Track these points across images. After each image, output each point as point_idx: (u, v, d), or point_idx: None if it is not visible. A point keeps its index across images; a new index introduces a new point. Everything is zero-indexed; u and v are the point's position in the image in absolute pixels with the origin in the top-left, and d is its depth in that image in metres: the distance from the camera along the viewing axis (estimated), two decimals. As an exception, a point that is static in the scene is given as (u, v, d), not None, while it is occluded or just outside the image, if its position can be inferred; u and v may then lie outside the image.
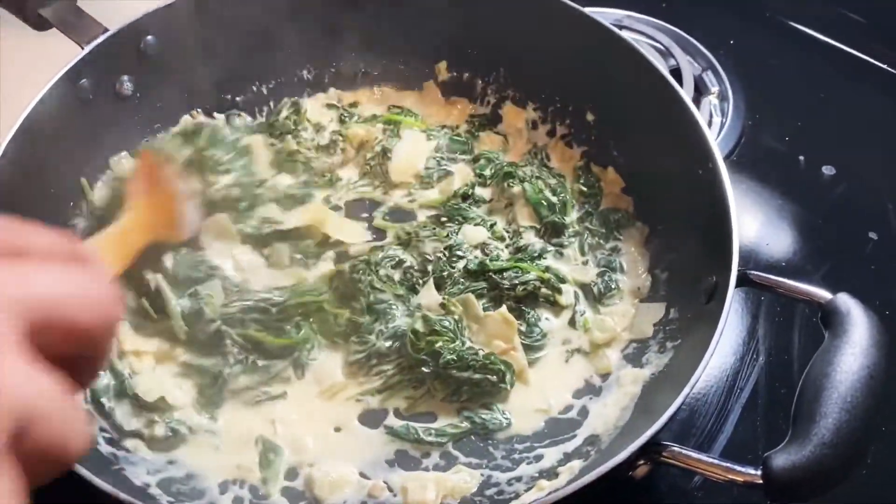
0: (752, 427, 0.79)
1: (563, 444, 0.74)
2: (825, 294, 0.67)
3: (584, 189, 0.91)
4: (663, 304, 0.81)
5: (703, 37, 1.10)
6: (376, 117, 0.97)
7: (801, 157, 1.01)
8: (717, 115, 1.04)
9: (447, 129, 0.97)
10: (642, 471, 0.64)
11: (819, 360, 0.63)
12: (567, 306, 0.83)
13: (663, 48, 1.08)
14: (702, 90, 1.06)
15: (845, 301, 0.66)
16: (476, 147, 0.96)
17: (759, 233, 0.95)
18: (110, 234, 0.67)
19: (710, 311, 0.69)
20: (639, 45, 0.87)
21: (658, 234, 0.86)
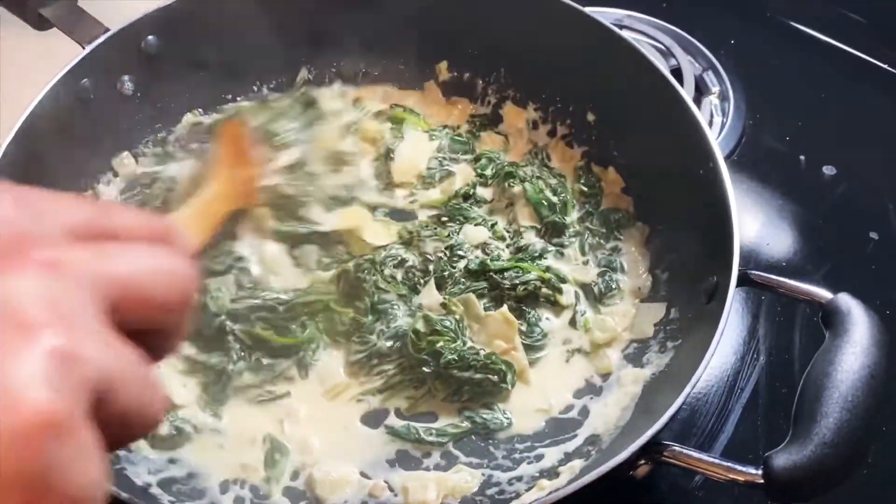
0: (752, 427, 0.79)
1: (563, 444, 0.74)
2: (826, 294, 0.67)
3: (585, 189, 0.91)
4: (664, 303, 0.81)
5: (703, 37, 1.10)
6: (382, 114, 0.96)
7: (801, 157, 1.01)
8: (718, 114, 1.04)
9: (448, 128, 0.97)
10: (643, 470, 0.64)
11: (820, 359, 0.63)
12: (567, 306, 0.83)
13: (664, 48, 1.08)
14: (702, 90, 1.06)
15: (846, 301, 0.66)
16: (477, 147, 0.96)
17: (760, 233, 0.94)
18: (195, 205, 0.67)
19: (710, 311, 0.69)
20: (639, 44, 0.87)
21: (658, 234, 0.86)
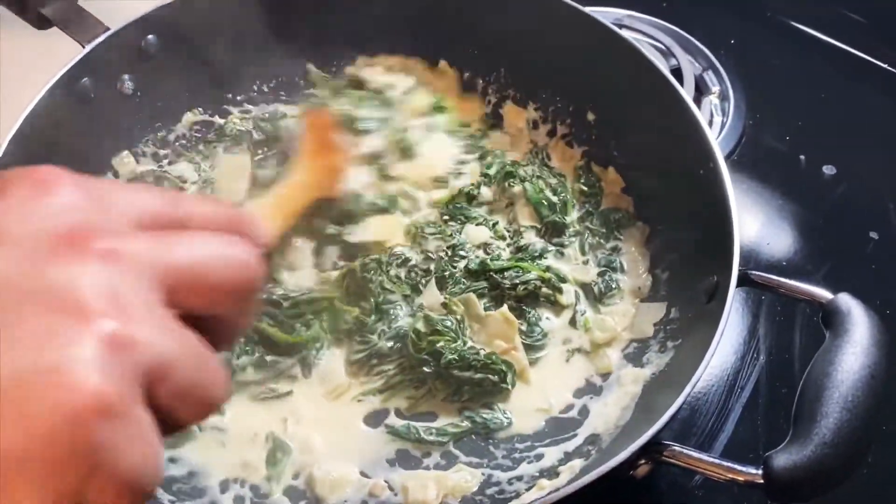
0: (752, 427, 0.79)
1: (563, 444, 0.74)
2: (826, 294, 0.67)
3: (585, 189, 0.91)
4: (664, 303, 0.81)
5: (703, 36, 1.10)
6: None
7: (801, 157, 1.01)
8: (718, 114, 1.04)
9: (466, 127, 0.95)
10: (643, 470, 0.63)
11: (820, 359, 0.63)
12: (568, 306, 0.83)
13: (664, 48, 1.08)
14: (702, 90, 1.06)
15: (846, 301, 0.66)
16: (486, 146, 0.95)
17: (760, 232, 0.94)
18: (278, 194, 0.66)
19: (710, 311, 0.69)
20: (639, 44, 0.87)
21: (659, 234, 0.86)
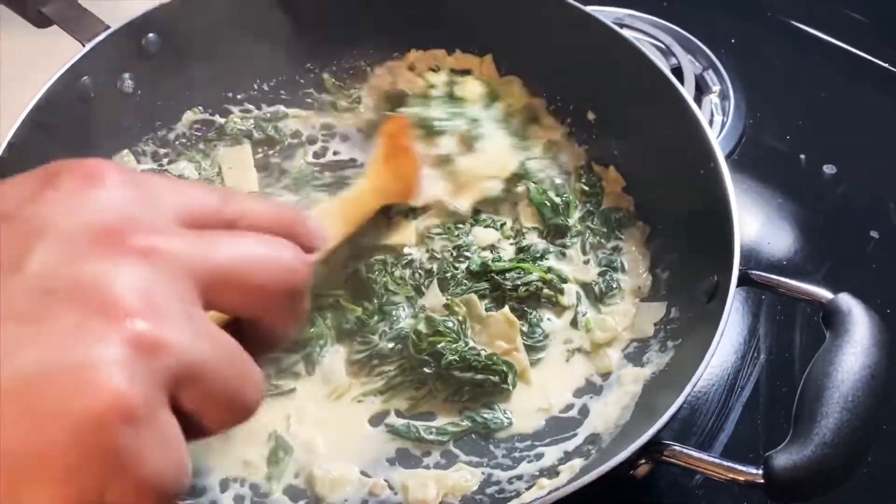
0: (753, 426, 0.79)
1: (563, 443, 0.74)
2: (826, 294, 0.67)
3: (586, 188, 0.90)
4: (664, 303, 0.81)
5: (704, 36, 1.10)
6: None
7: (802, 156, 1.01)
8: (719, 113, 1.04)
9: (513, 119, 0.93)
10: (643, 470, 0.63)
11: (820, 359, 0.63)
12: (569, 307, 0.82)
13: (664, 47, 1.08)
14: (703, 89, 1.06)
15: (846, 301, 0.66)
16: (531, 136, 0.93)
17: (760, 232, 0.94)
18: (346, 198, 0.65)
19: (711, 311, 0.69)
20: (640, 43, 0.87)
21: (659, 234, 0.86)
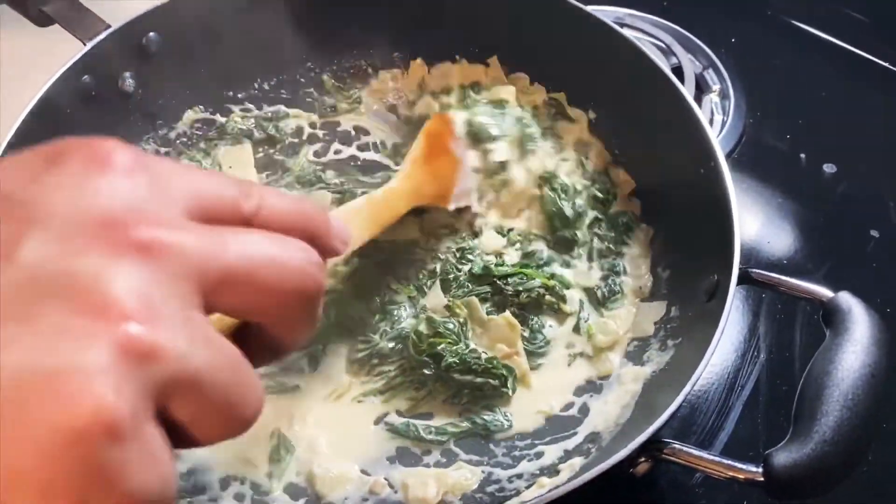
0: (753, 425, 0.79)
1: (563, 442, 0.74)
2: (826, 292, 0.67)
3: (599, 195, 0.88)
4: (664, 302, 0.80)
5: (704, 35, 1.10)
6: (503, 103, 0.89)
7: (802, 156, 1.01)
8: (719, 113, 1.04)
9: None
10: (643, 468, 0.63)
11: (820, 358, 0.63)
12: (571, 314, 0.81)
13: (664, 46, 1.08)
14: (703, 88, 1.06)
15: (846, 299, 0.66)
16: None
17: (761, 231, 0.94)
18: (375, 198, 0.62)
19: (711, 310, 0.69)
20: (640, 43, 0.87)
21: (659, 233, 0.86)
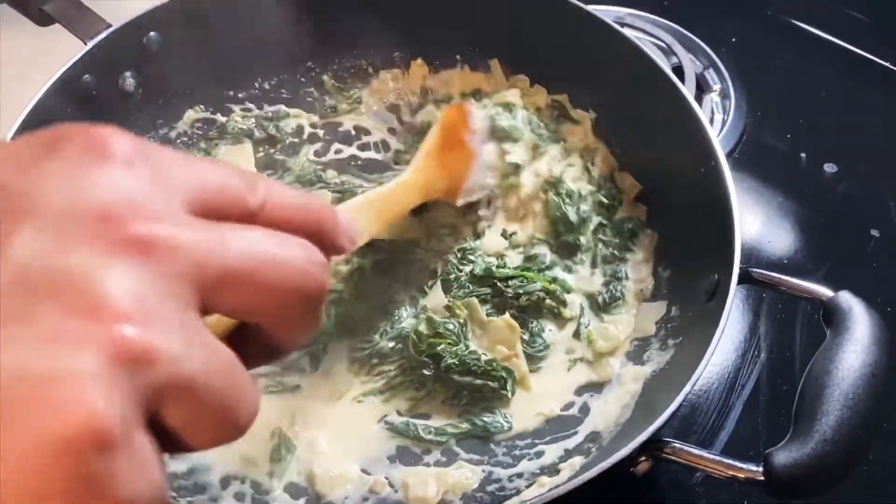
0: (753, 424, 0.79)
1: (564, 441, 0.74)
2: (827, 292, 0.67)
3: (605, 201, 0.87)
4: (665, 301, 0.80)
5: (705, 35, 1.10)
6: (510, 106, 0.89)
7: (802, 155, 1.01)
8: (719, 112, 1.04)
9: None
10: (643, 467, 0.63)
11: (821, 357, 0.63)
12: (571, 318, 0.81)
13: (665, 46, 1.08)
14: (703, 88, 1.06)
15: (847, 299, 0.66)
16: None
17: (761, 230, 0.94)
18: (383, 192, 0.60)
19: (711, 309, 0.69)
20: (641, 42, 0.87)
21: (660, 233, 0.86)
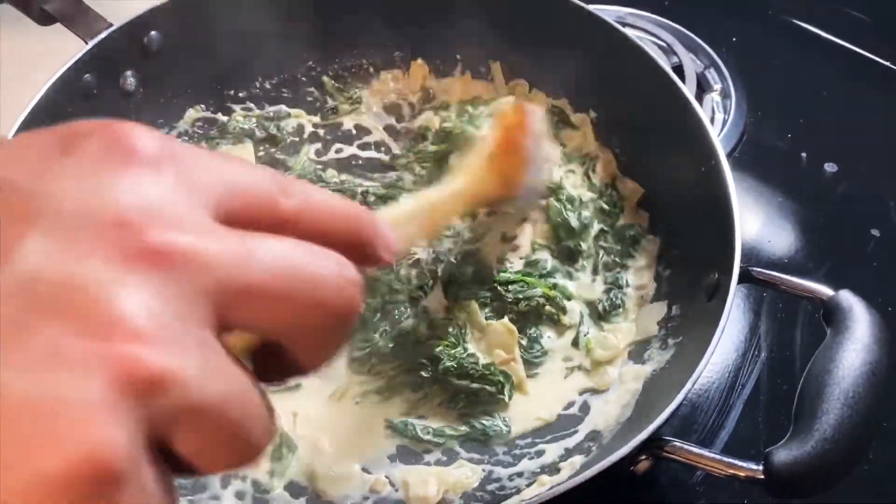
0: (753, 423, 0.79)
1: (564, 440, 0.74)
2: (827, 291, 0.67)
3: (606, 207, 0.87)
4: (665, 301, 0.80)
5: (705, 34, 1.10)
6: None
7: (803, 155, 1.01)
8: (720, 112, 1.04)
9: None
10: (644, 466, 0.63)
11: (821, 356, 0.63)
12: (571, 326, 0.80)
13: (665, 45, 1.08)
14: (704, 87, 1.06)
15: (847, 298, 0.66)
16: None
17: (761, 230, 0.94)
18: (429, 199, 0.56)
19: (712, 308, 0.69)
20: (641, 42, 0.87)
21: (660, 232, 0.86)
